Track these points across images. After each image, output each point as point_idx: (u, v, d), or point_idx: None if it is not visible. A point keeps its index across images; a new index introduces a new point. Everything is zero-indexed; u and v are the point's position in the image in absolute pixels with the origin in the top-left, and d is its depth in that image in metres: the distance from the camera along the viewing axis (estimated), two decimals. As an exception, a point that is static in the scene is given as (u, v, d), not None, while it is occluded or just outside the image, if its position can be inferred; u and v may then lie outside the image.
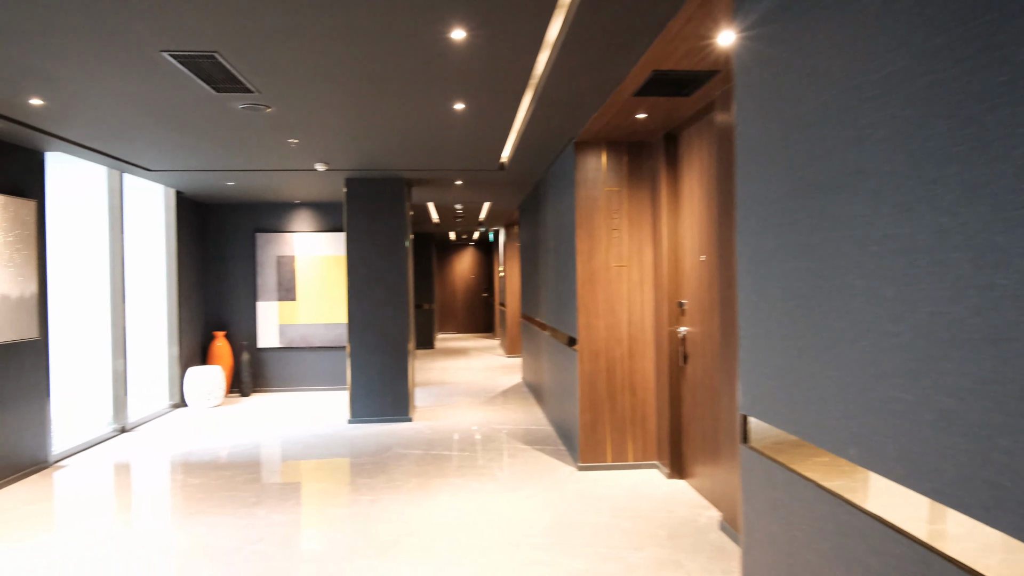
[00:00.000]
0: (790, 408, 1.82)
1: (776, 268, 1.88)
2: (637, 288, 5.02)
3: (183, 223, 7.90)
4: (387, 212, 6.81)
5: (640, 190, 5.02)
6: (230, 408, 7.69)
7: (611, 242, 5.00)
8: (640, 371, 5.02)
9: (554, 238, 6.16)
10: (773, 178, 1.89)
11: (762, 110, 1.98)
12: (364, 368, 6.78)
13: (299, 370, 8.75)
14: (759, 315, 2.00)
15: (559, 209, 5.81)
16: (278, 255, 8.72)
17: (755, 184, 2.02)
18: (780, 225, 1.85)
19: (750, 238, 2.07)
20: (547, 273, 6.69)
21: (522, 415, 7.05)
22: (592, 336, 5.00)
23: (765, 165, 1.95)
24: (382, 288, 6.79)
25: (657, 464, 4.97)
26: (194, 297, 8.20)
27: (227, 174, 6.47)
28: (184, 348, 7.86)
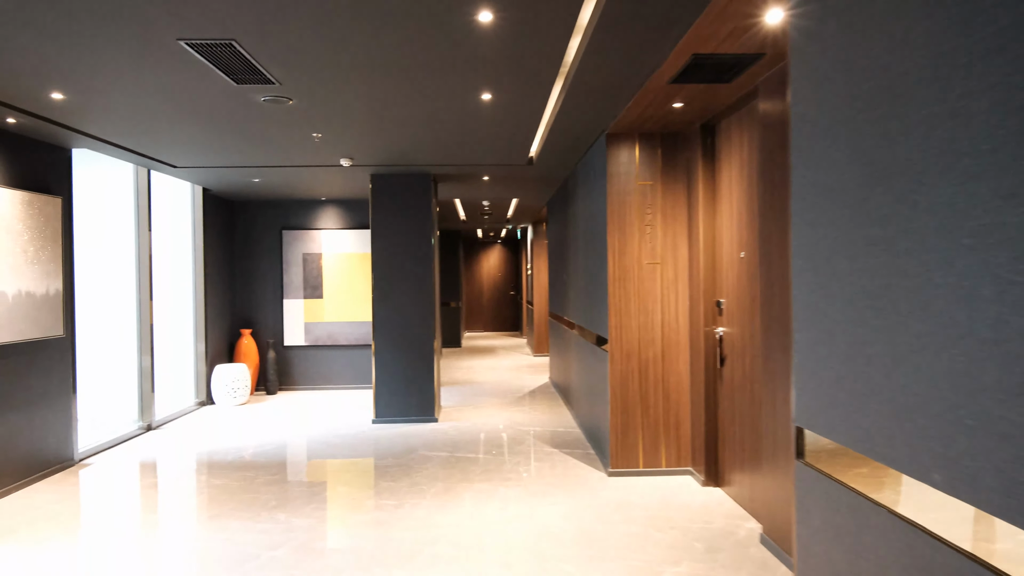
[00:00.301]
0: (856, 423, 1.61)
1: (841, 264, 1.67)
2: (671, 286, 4.80)
3: (210, 220, 7.88)
4: (413, 208, 6.68)
5: (675, 184, 4.80)
6: (256, 406, 7.64)
7: (644, 238, 4.79)
8: (674, 373, 4.80)
9: (584, 235, 5.96)
10: (837, 164, 1.68)
11: (823, 88, 1.77)
12: (389, 367, 6.66)
13: (325, 368, 8.69)
14: (818, 317, 1.79)
15: (589, 204, 5.61)
16: (304, 252, 8.66)
17: (815, 171, 1.81)
18: (846, 216, 1.64)
19: (808, 231, 1.86)
20: (576, 271, 6.50)
21: (549, 416, 6.87)
22: (624, 336, 4.79)
23: (827, 150, 1.74)
24: (407, 286, 6.66)
25: (691, 471, 4.75)
26: (221, 295, 8.18)
27: (252, 171, 6.40)
28: (211, 346, 7.83)
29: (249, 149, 5.46)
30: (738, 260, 4.09)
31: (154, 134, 4.90)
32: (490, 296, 17.84)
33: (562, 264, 7.67)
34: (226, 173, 6.55)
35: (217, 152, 5.56)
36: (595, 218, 5.32)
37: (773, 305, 3.38)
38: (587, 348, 5.85)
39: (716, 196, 4.48)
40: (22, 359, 4.72)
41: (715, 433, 4.49)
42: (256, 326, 8.63)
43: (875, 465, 1.56)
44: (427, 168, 6.43)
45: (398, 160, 6.04)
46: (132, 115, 4.37)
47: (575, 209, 6.50)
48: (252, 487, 4.62)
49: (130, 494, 4.61)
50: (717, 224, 4.46)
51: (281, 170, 6.41)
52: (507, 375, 9.89)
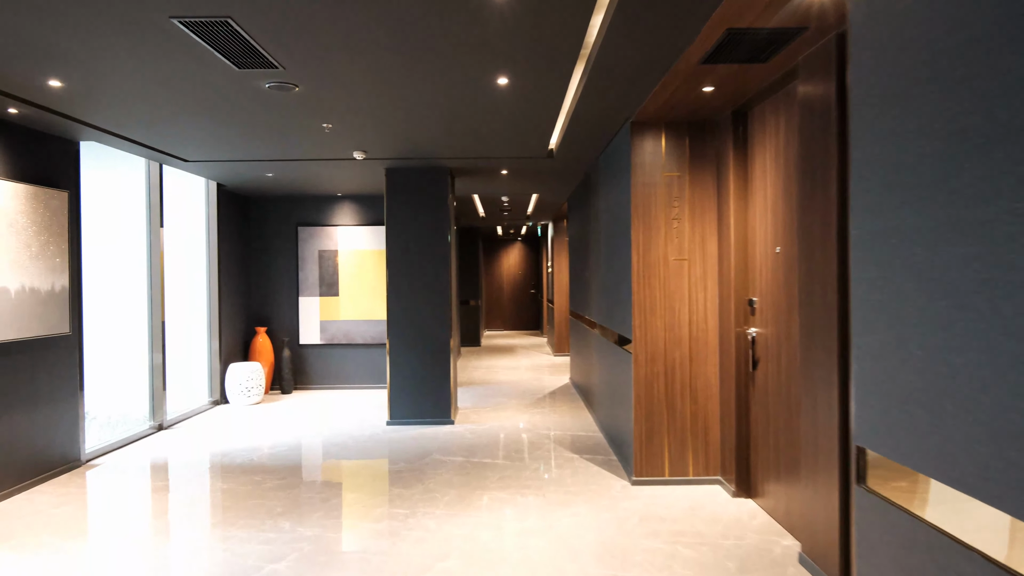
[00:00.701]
0: (937, 447, 1.34)
1: (916, 256, 1.40)
2: (699, 284, 4.52)
3: (224, 216, 7.74)
4: (429, 203, 6.46)
5: (703, 175, 4.52)
6: (270, 406, 7.49)
7: (670, 233, 4.51)
8: (702, 376, 4.52)
9: (606, 230, 5.69)
10: (911, 134, 1.41)
11: (892, 51, 1.50)
12: (403, 367, 6.45)
13: (340, 367, 8.52)
14: (885, 318, 1.52)
15: (612, 198, 5.34)
16: (320, 249, 8.50)
17: (880, 148, 1.54)
18: (924, 198, 1.37)
19: (869, 218, 1.59)
20: (598, 268, 6.23)
21: (570, 419, 6.61)
22: (649, 337, 4.52)
23: (898, 122, 1.47)
24: (423, 283, 6.45)
25: (720, 480, 4.47)
26: (235, 292, 8.05)
27: (264, 165, 6.23)
28: (225, 344, 7.70)
29: (259, 142, 5.28)
30: (773, 256, 3.80)
31: (160, 126, 4.74)
32: (510, 294, 17.60)
33: (583, 261, 7.41)
34: (238, 167, 6.39)
35: (227, 145, 5.39)
36: (618, 212, 5.05)
37: (814, 304, 3.10)
38: (609, 349, 5.59)
39: (748, 187, 4.19)
40: (26, 357, 4.58)
41: (747, 440, 4.20)
42: (271, 324, 8.49)
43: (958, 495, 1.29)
44: (443, 161, 6.21)
45: (413, 153, 5.82)
46: (135, 105, 4.21)
47: (597, 204, 6.23)
48: (259, 492, 4.43)
49: (132, 498, 4.45)
50: (749, 217, 4.17)
51: (294, 164, 6.23)
52: (526, 375, 9.65)
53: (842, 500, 2.89)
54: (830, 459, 2.97)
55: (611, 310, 5.49)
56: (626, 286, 4.73)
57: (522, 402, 7.54)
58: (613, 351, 5.39)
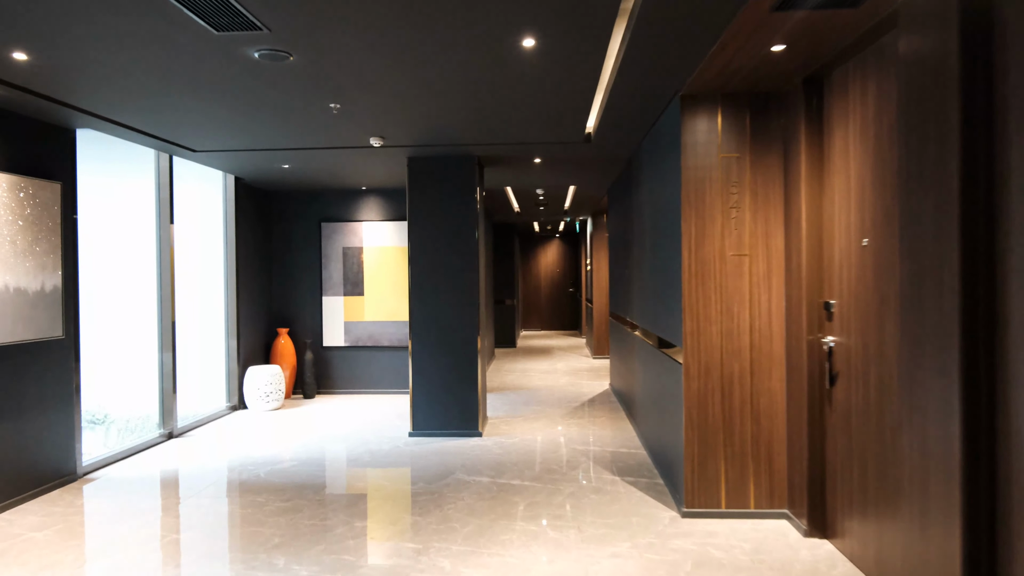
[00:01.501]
0: None
1: None
2: (762, 283, 3.86)
3: (243, 211, 7.35)
4: (455, 195, 5.92)
5: (767, 156, 3.85)
6: (290, 412, 7.07)
7: (728, 224, 3.86)
8: (765, 392, 3.86)
9: (651, 223, 5.06)
10: None
11: None
12: (427, 374, 5.93)
13: (365, 371, 8.06)
14: None
15: (658, 186, 4.70)
16: (344, 246, 8.05)
17: None
18: None
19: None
20: (641, 266, 5.59)
21: (610, 432, 5.99)
22: (702, 345, 3.88)
23: None
24: (449, 282, 5.91)
25: (788, 515, 3.80)
26: (256, 291, 7.66)
27: (277, 155, 5.78)
28: (244, 346, 7.31)
29: (264, 127, 4.81)
30: (858, 250, 3.13)
31: (152, 109, 4.30)
32: (548, 293, 17.00)
33: (624, 258, 6.77)
34: (251, 158, 5.95)
35: (231, 131, 4.94)
36: (665, 202, 4.42)
37: (924, 311, 2.43)
38: (654, 356, 4.95)
39: (825, 169, 3.51)
40: (11, 363, 4.20)
41: (821, 469, 3.53)
42: (294, 325, 8.08)
43: None
44: (469, 149, 5.65)
45: (436, 139, 5.28)
46: (115, 83, 3.76)
47: (640, 194, 5.60)
48: (259, 516, 3.95)
49: (121, 519, 4.01)
50: (825, 204, 3.50)
51: (310, 155, 5.76)
52: (563, 380, 9.05)
53: (968, 548, 2.23)
54: (946, 498, 2.30)
55: (657, 313, 4.86)
56: (675, 286, 4.10)
57: (558, 411, 6.95)
58: (659, 360, 4.75)
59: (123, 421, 7.83)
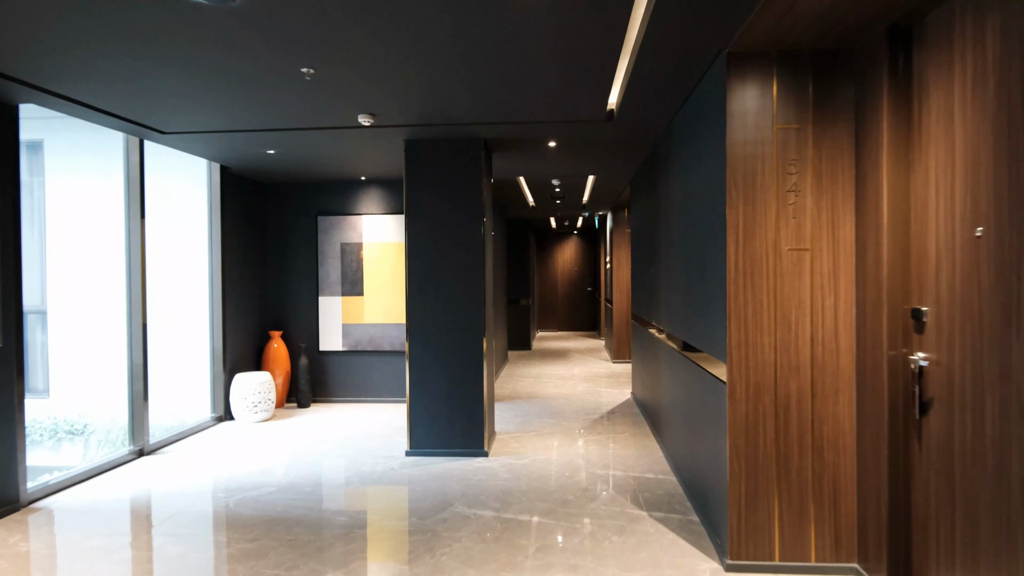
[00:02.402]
0: None
1: None
2: (827, 284, 3.13)
3: (231, 204, 6.72)
4: (459, 182, 5.24)
5: (835, 127, 3.12)
6: (280, 424, 6.43)
7: (784, 212, 3.14)
8: (831, 418, 3.13)
9: (683, 214, 4.34)
10: None
11: None
12: (427, 384, 5.26)
13: (364, 378, 7.41)
14: None
15: (695, 167, 3.98)
16: (342, 242, 7.40)
17: None
18: None
19: None
20: (670, 264, 4.87)
21: (634, 451, 5.28)
22: (752, 360, 3.16)
23: None
24: (452, 280, 5.23)
25: (859, 570, 3.08)
26: (246, 291, 7.03)
27: (258, 138, 5.13)
28: (231, 351, 6.69)
29: (233, 100, 4.16)
30: (967, 242, 2.39)
31: (102, 80, 3.66)
32: (564, 293, 16.28)
33: (648, 256, 6.05)
34: (230, 142, 5.31)
35: (197, 109, 4.30)
36: (705, 186, 3.70)
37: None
38: (687, 369, 4.24)
39: (915, 140, 2.77)
40: (-66, 376, 3.59)
41: (905, 517, 2.80)
42: (287, 327, 7.45)
43: None
44: (475, 129, 4.97)
45: (435, 117, 4.60)
46: (49, 45, 3.13)
47: (670, 181, 4.87)
48: (215, 561, 3.30)
49: (49, 561, 3.39)
50: (916, 185, 2.76)
51: (294, 138, 5.11)
52: (581, 387, 8.33)
53: None
54: None
55: (690, 319, 4.14)
56: (717, 288, 3.38)
57: (575, 424, 6.24)
58: (693, 374, 4.04)
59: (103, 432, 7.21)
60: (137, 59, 3.36)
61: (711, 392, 3.56)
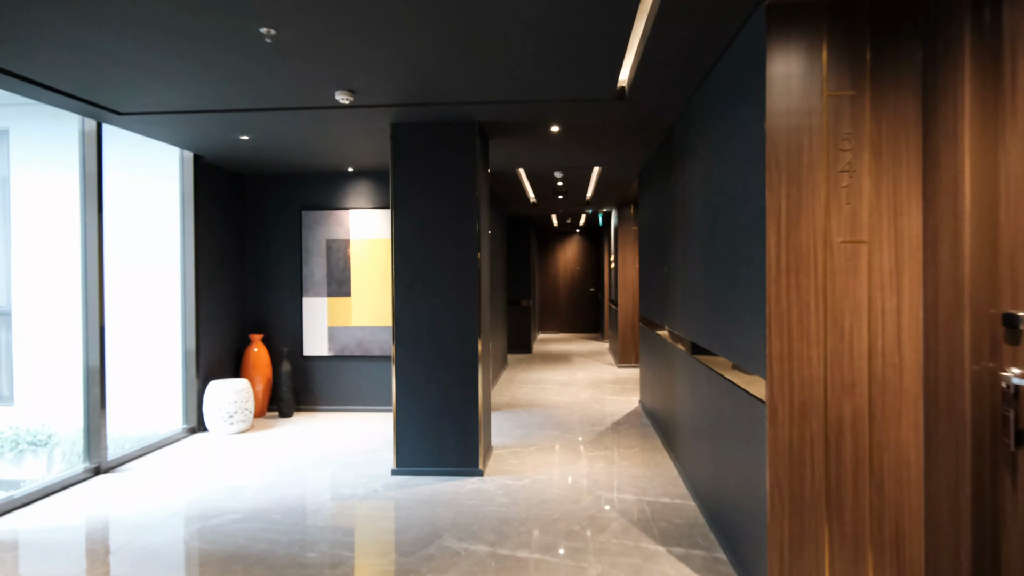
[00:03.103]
0: None
1: None
2: (888, 284, 2.60)
3: (207, 197, 6.20)
4: (451, 172, 4.71)
5: (899, 93, 2.59)
6: (258, 436, 5.90)
7: (836, 196, 2.61)
8: (892, 446, 2.60)
9: (704, 203, 3.81)
10: None
11: None
12: (415, 395, 4.73)
13: (352, 385, 6.87)
14: None
15: (723, 146, 3.45)
16: (328, 239, 6.87)
17: None
18: None
19: None
20: (686, 262, 4.34)
21: (646, 470, 4.74)
22: (796, 375, 2.63)
23: None
24: (444, 280, 4.71)
25: (928, 630, 2.54)
26: (224, 291, 6.51)
27: (226, 120, 4.60)
28: (205, 356, 6.16)
29: (188, 71, 3.63)
30: (1093, 228, 1.86)
31: (43, 48, 3.13)
32: (567, 293, 15.75)
33: (659, 254, 5.52)
34: (197, 125, 4.78)
35: (151, 83, 3.77)
36: (736, 168, 3.17)
37: None
38: (712, 382, 3.70)
39: (1007, 108, 2.24)
40: None
41: (993, 568, 2.27)
42: (269, 330, 6.92)
43: None
44: (469, 111, 4.44)
45: (425, 96, 4.08)
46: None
47: (688, 167, 4.35)
48: (155, 614, 2.78)
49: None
50: (1005, 159, 2.23)
51: (268, 121, 4.59)
52: (584, 395, 7.80)
53: None
54: None
55: (714, 324, 3.60)
56: (752, 288, 2.85)
57: (579, 437, 5.71)
58: (720, 388, 3.50)
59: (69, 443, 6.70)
60: (78, 22, 2.83)
61: (744, 412, 3.02)
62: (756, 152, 2.76)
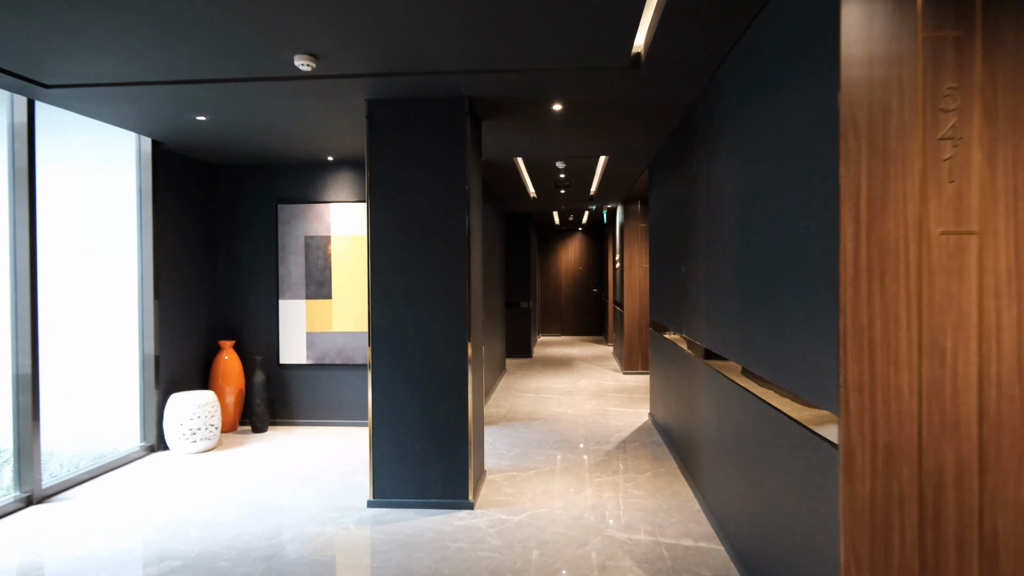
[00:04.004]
0: None
1: None
2: (1005, 289, 1.95)
3: (169, 188, 5.56)
4: (437, 157, 4.06)
5: (1019, 34, 1.94)
6: (224, 456, 5.26)
7: (936, 171, 1.96)
8: (1011, 507, 1.95)
9: (741, 186, 3.16)
10: None
11: None
12: (395, 415, 4.08)
13: (333, 396, 6.23)
14: None
15: (770, 113, 2.79)
16: (307, 235, 6.23)
17: None
18: None
19: None
20: (715, 260, 3.70)
21: (661, 501, 4.10)
22: (882, 409, 1.98)
23: None
24: (428, 284, 4.06)
25: None
26: (190, 293, 5.86)
27: (168, 92, 3.95)
28: (168, 365, 5.52)
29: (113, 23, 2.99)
30: None
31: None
32: (568, 294, 15.11)
33: (676, 252, 4.88)
34: (141, 102, 4.13)
35: (75, 46, 3.13)
36: (787, 145, 2.52)
37: None
38: (749, 407, 3.05)
39: None
40: None
41: None
42: (241, 336, 6.28)
43: None
44: (458, 83, 3.79)
45: (404, 63, 3.43)
46: None
47: (716, 147, 3.70)
48: None
49: None
50: None
51: (221, 95, 3.94)
52: (588, 406, 7.15)
53: None
54: None
55: (754, 337, 2.95)
56: (816, 294, 2.19)
57: (584, 458, 5.06)
58: (764, 418, 2.85)
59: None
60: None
61: (806, 455, 2.37)
62: (823, 118, 2.12)
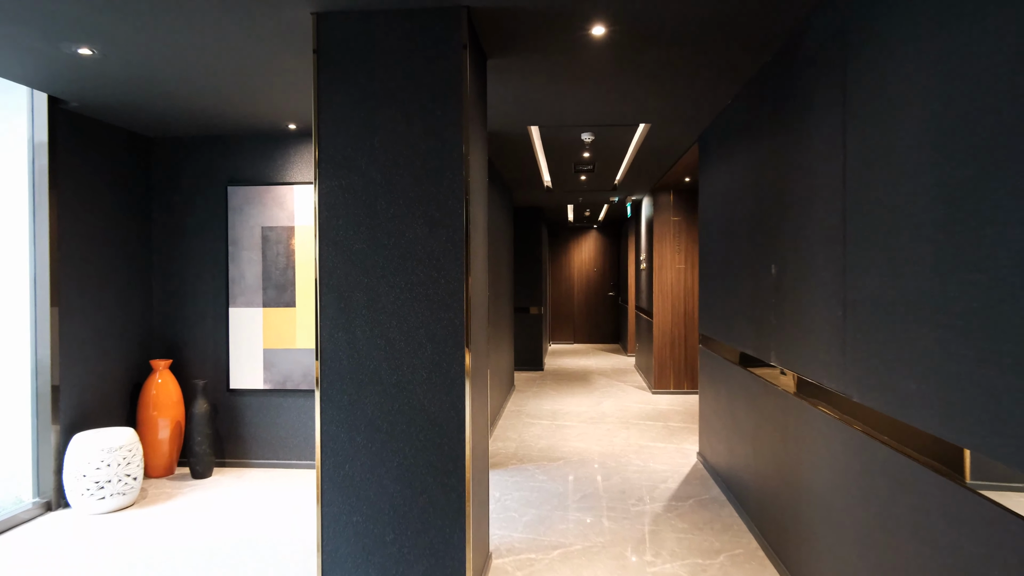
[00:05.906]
0: None
1: None
2: None
3: (77, 163, 4.26)
4: (421, 98, 2.72)
5: None
6: (143, 515, 3.94)
7: None
8: None
9: (936, 153, 1.81)
10: None
11: None
12: (353, 488, 2.74)
13: (296, 430, 4.90)
14: None
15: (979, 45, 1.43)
16: (264, 225, 4.91)
17: None
18: None
19: None
20: (853, 261, 2.35)
21: (752, 616, 2.74)
22: None
23: None
24: (405, 287, 2.73)
25: None
26: (110, 301, 4.55)
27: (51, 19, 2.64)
28: (73, 394, 4.20)
29: None
30: None
31: None
32: (582, 298, 13.76)
33: (761, 246, 3.53)
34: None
35: None
36: None
37: None
38: (941, 493, 1.69)
39: None
40: None
41: None
42: (181, 354, 4.96)
43: None
44: (447, -18, 2.46)
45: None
46: None
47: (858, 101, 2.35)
48: None
49: None
50: None
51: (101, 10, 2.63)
52: (619, 439, 5.79)
53: None
54: None
55: (995, 392, 1.60)
56: None
57: (623, 528, 3.71)
58: (958, 497, 1.49)
59: None
60: None
61: None
62: None
